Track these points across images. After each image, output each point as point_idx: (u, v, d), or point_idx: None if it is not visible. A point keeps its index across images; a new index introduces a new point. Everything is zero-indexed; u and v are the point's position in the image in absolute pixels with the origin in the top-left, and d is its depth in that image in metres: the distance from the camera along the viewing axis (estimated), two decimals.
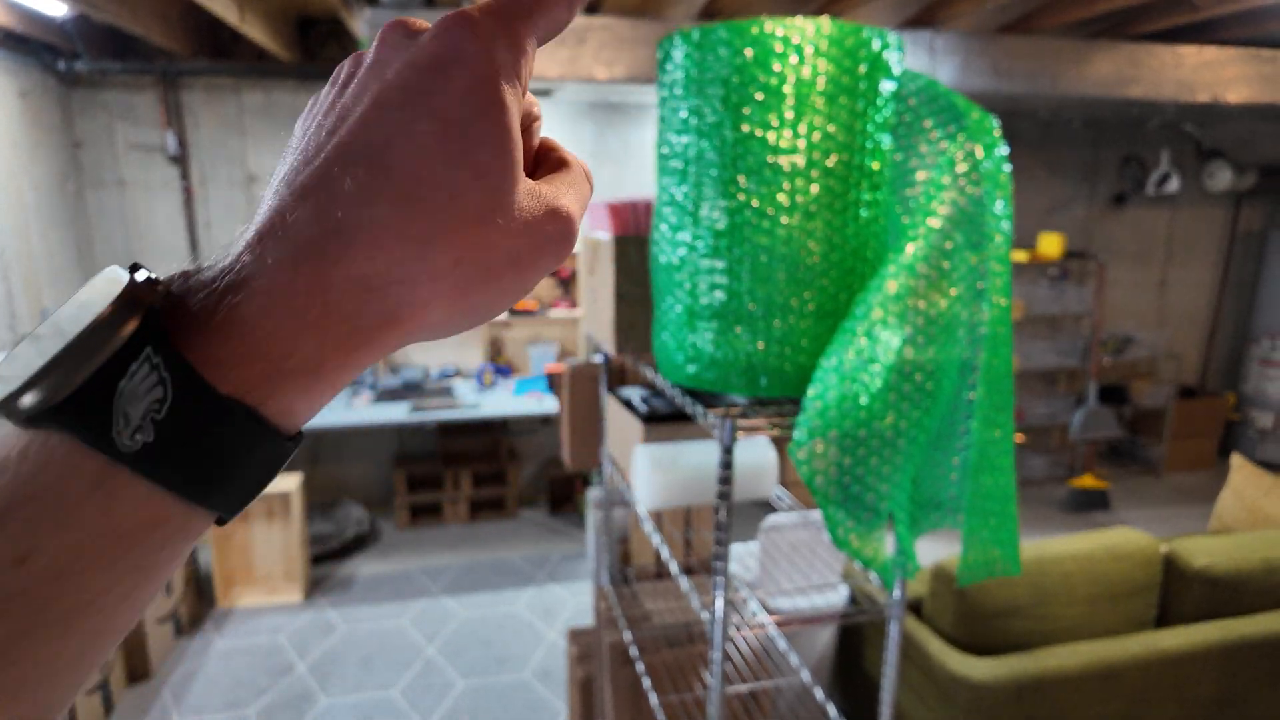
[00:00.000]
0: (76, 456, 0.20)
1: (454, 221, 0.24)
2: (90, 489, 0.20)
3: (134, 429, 0.21)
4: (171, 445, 0.21)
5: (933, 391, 1.23)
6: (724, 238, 1.26)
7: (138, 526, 0.21)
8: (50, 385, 0.20)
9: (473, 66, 0.24)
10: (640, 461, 1.70)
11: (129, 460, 0.21)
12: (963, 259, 1.24)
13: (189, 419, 0.21)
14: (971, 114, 1.23)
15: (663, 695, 1.80)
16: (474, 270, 0.25)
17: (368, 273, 0.23)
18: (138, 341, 0.21)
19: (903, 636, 1.58)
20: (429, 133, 0.24)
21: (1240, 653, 1.99)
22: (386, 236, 0.23)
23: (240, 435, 0.22)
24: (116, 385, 0.21)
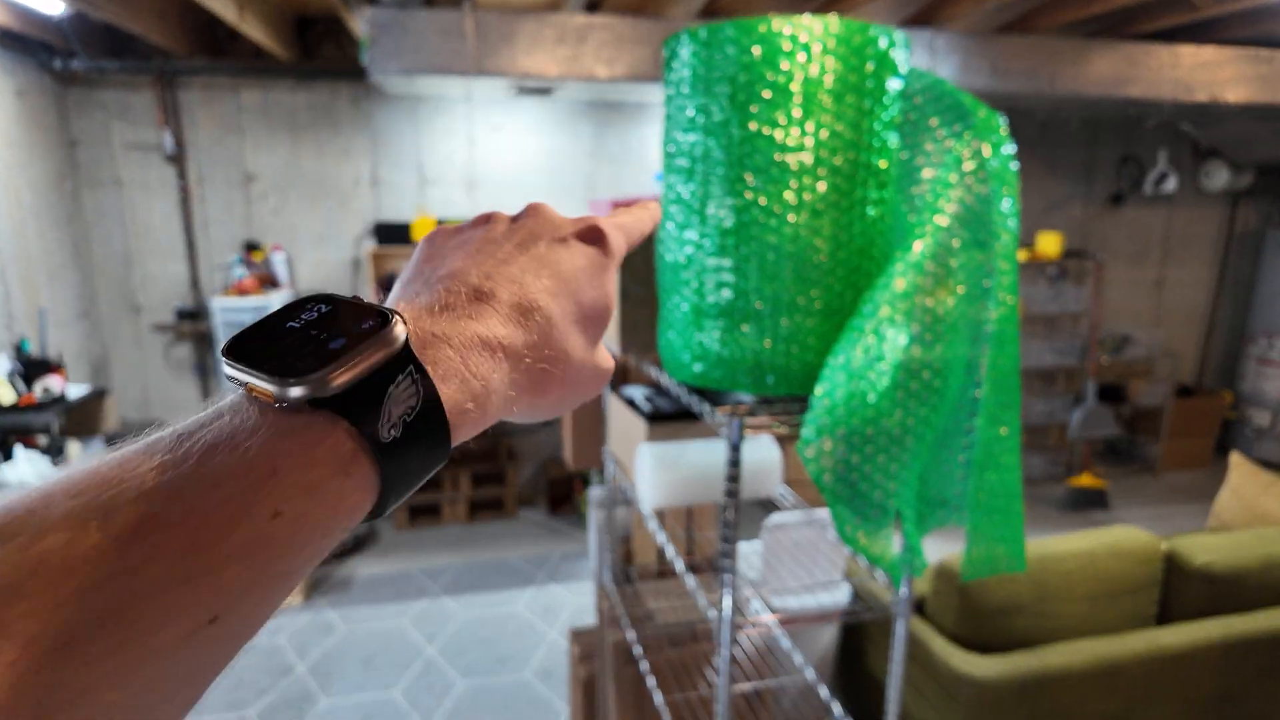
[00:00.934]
0: (337, 438, 0.24)
1: (581, 348, 0.34)
2: (339, 469, 0.24)
3: (390, 425, 0.25)
4: (408, 446, 0.26)
5: (940, 389, 1.23)
6: (731, 236, 1.26)
7: (350, 505, 0.25)
8: (346, 376, 0.25)
9: (610, 260, 0.36)
10: (644, 460, 1.70)
11: (379, 448, 0.25)
12: (970, 257, 1.24)
13: (423, 427, 0.26)
14: (978, 112, 1.24)
15: (667, 694, 1.79)
16: (573, 381, 0.34)
17: (529, 351, 0.31)
18: (405, 356, 0.26)
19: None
20: (581, 279, 0.35)
21: (1240, 649, 2.00)
22: (548, 332, 0.32)
23: (439, 448, 0.28)
24: (387, 388, 0.25)
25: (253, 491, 0.22)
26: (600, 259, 0.35)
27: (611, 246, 0.36)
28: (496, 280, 0.31)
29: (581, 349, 0.34)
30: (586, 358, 0.35)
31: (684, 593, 2.11)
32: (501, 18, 2.70)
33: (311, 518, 0.23)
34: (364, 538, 3.98)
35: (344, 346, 0.25)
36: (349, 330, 0.26)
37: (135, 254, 3.90)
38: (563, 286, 0.33)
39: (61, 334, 3.50)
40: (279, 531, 0.22)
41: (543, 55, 2.68)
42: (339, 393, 0.24)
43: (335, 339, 0.26)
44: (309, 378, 0.24)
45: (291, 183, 3.98)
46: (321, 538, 0.24)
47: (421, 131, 4.04)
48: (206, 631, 0.21)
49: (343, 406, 0.24)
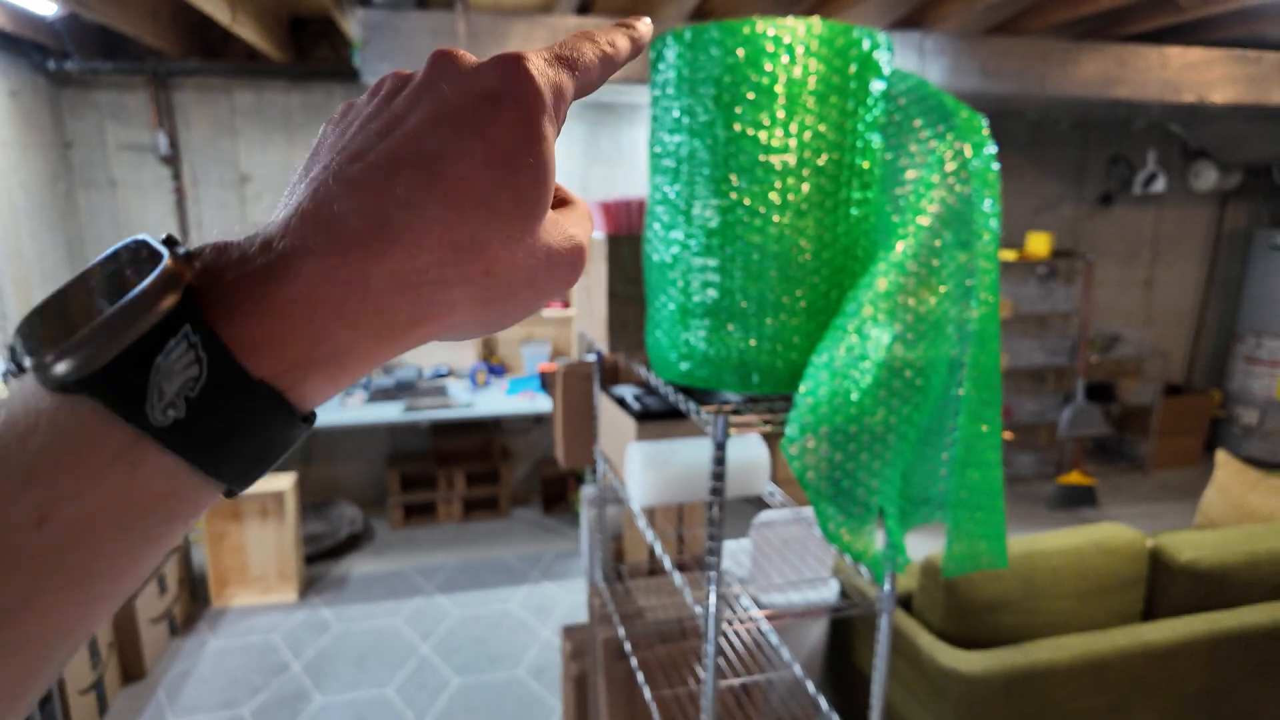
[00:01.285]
0: (105, 426, 0.21)
1: (492, 235, 0.26)
2: (114, 458, 0.21)
3: (166, 404, 0.21)
4: (199, 423, 0.22)
5: (922, 388, 1.25)
6: (716, 236, 1.28)
7: (154, 497, 0.22)
8: (86, 353, 0.21)
9: (525, 102, 0.27)
10: (633, 459, 1.72)
11: (158, 434, 0.21)
12: (952, 257, 1.26)
13: (220, 399, 0.22)
14: (960, 113, 1.25)
15: (656, 690, 1.81)
16: (499, 283, 0.27)
17: (407, 270, 0.25)
18: (176, 318, 0.22)
19: (893, 630, 1.60)
20: (480, 152, 0.26)
21: (1225, 645, 2.02)
22: (429, 238, 0.25)
23: (265, 417, 0.23)
24: (153, 360, 0.21)
25: (6, 496, 0.20)
26: (518, 112, 0.26)
27: (536, 84, 0.27)
28: (357, 180, 0.25)
29: (500, 240, 0.26)
30: (512, 250, 0.27)
31: (674, 590, 2.12)
32: (493, 19, 2.71)
33: (97, 520, 0.21)
34: (358, 536, 3.99)
35: (108, 307, 0.21)
36: (126, 288, 0.22)
37: None
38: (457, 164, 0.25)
39: None
40: (53, 542, 0.20)
41: None
42: (96, 370, 0.21)
43: (111, 295, 0.22)
44: (56, 351, 0.21)
45: (286, 183, 3.93)
46: (129, 538, 0.22)
47: None
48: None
49: (101, 386, 0.21)
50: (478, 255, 0.26)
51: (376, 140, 0.26)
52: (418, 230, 0.25)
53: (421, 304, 0.25)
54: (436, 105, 0.26)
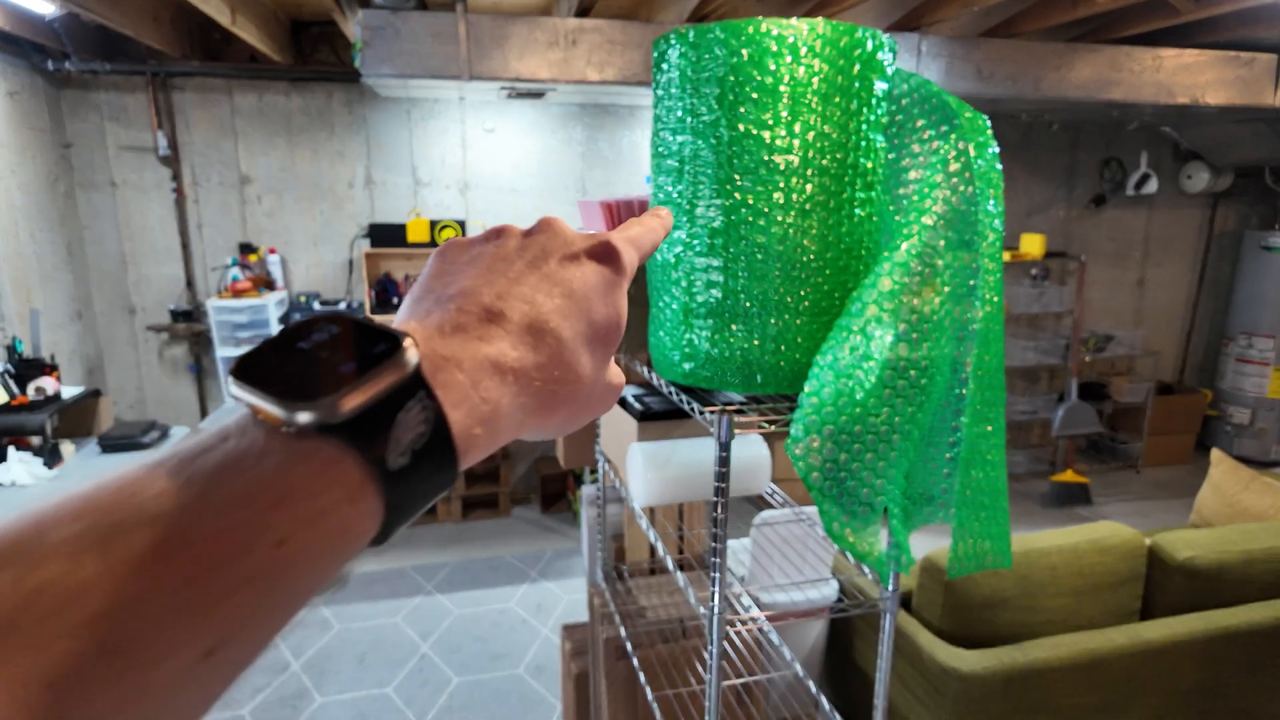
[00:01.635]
0: (345, 466, 0.24)
1: (589, 361, 0.34)
2: (346, 496, 0.24)
3: (400, 452, 0.25)
4: (416, 473, 0.25)
5: (926, 388, 1.26)
6: (720, 236, 1.29)
7: (356, 533, 0.24)
8: (347, 401, 0.24)
9: (618, 268, 0.36)
10: (635, 459, 1.73)
11: (386, 476, 0.25)
12: (955, 257, 1.27)
13: (433, 455, 0.26)
14: (964, 113, 1.27)
15: (657, 690, 1.82)
16: (583, 400, 0.34)
17: (539, 370, 0.31)
18: (416, 381, 0.26)
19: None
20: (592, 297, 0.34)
21: (1221, 643, 2.04)
22: (558, 351, 0.32)
23: (447, 474, 0.27)
24: (396, 415, 0.25)
25: (258, 520, 0.22)
26: (611, 276, 0.35)
27: (624, 262, 0.36)
28: (508, 300, 0.31)
29: (592, 368, 0.34)
30: (597, 376, 0.34)
31: (675, 589, 2.13)
32: (494, 21, 2.72)
33: (316, 546, 0.23)
34: None
35: (354, 371, 0.25)
36: (360, 353, 0.25)
37: (130, 256, 3.90)
38: (574, 306, 0.33)
39: (55, 335, 3.50)
40: (282, 560, 0.22)
41: (534, 59, 2.70)
42: (348, 419, 0.24)
43: (346, 362, 0.25)
44: (318, 402, 0.24)
45: (286, 185, 3.99)
46: (326, 565, 0.24)
47: (415, 134, 4.06)
48: (207, 662, 0.21)
49: (351, 433, 0.24)
50: (579, 374, 0.33)
51: (515, 271, 0.33)
52: (551, 343, 0.31)
53: (541, 402, 0.31)
54: (559, 254, 0.34)
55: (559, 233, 0.35)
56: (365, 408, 0.24)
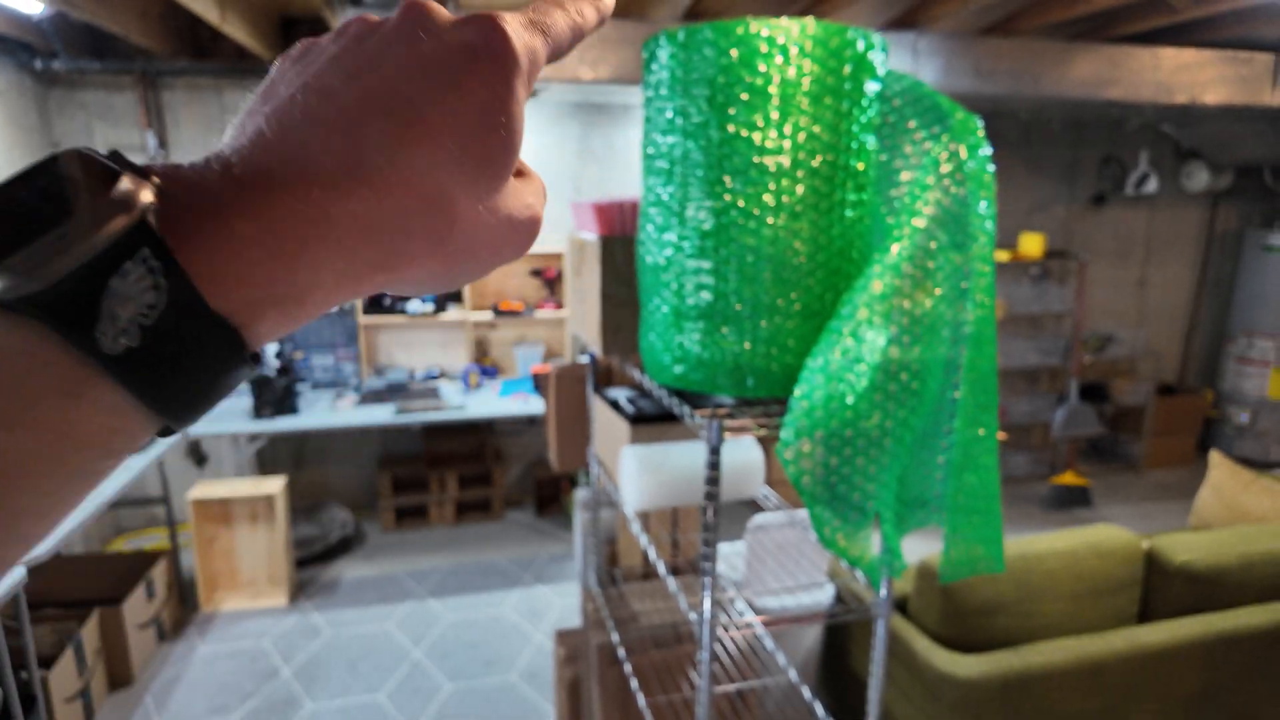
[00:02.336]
0: (47, 350, 0.19)
1: (459, 190, 0.26)
2: (54, 387, 0.20)
3: (119, 331, 0.20)
4: (151, 353, 0.20)
5: (918, 391, 1.23)
6: (710, 238, 1.27)
7: (92, 431, 0.20)
8: (32, 267, 0.19)
9: (502, 61, 0.26)
10: (627, 463, 1.70)
11: (106, 362, 0.20)
12: (947, 259, 1.25)
13: (176, 330, 0.21)
14: (955, 114, 1.24)
15: (650, 696, 1.80)
16: (461, 239, 0.26)
17: (373, 214, 0.24)
18: (133, 240, 0.20)
19: (889, 635, 1.58)
20: (455, 106, 0.25)
21: (1220, 647, 2.02)
22: (398, 184, 0.24)
23: (219, 353, 0.22)
24: (107, 282, 0.20)
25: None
26: (491, 71, 0.26)
27: (513, 47, 0.26)
28: (330, 119, 0.24)
29: (464, 198, 0.26)
30: (472, 212, 0.26)
31: (668, 595, 2.11)
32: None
33: (26, 451, 0.19)
34: (350, 540, 3.96)
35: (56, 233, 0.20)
36: (79, 196, 0.20)
37: None
38: (427, 118, 0.25)
39: None
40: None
41: None
42: (40, 289, 0.19)
43: (59, 208, 0.20)
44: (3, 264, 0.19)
45: None
46: (56, 473, 0.20)
47: None
48: None
49: (44, 304, 0.19)
50: (444, 208, 0.25)
51: (346, 81, 0.25)
52: (387, 175, 0.24)
53: (384, 250, 0.24)
54: (412, 54, 0.25)
55: (418, 17, 0.26)
56: (60, 273, 0.19)
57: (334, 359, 4.00)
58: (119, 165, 0.21)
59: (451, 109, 0.25)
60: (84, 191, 0.20)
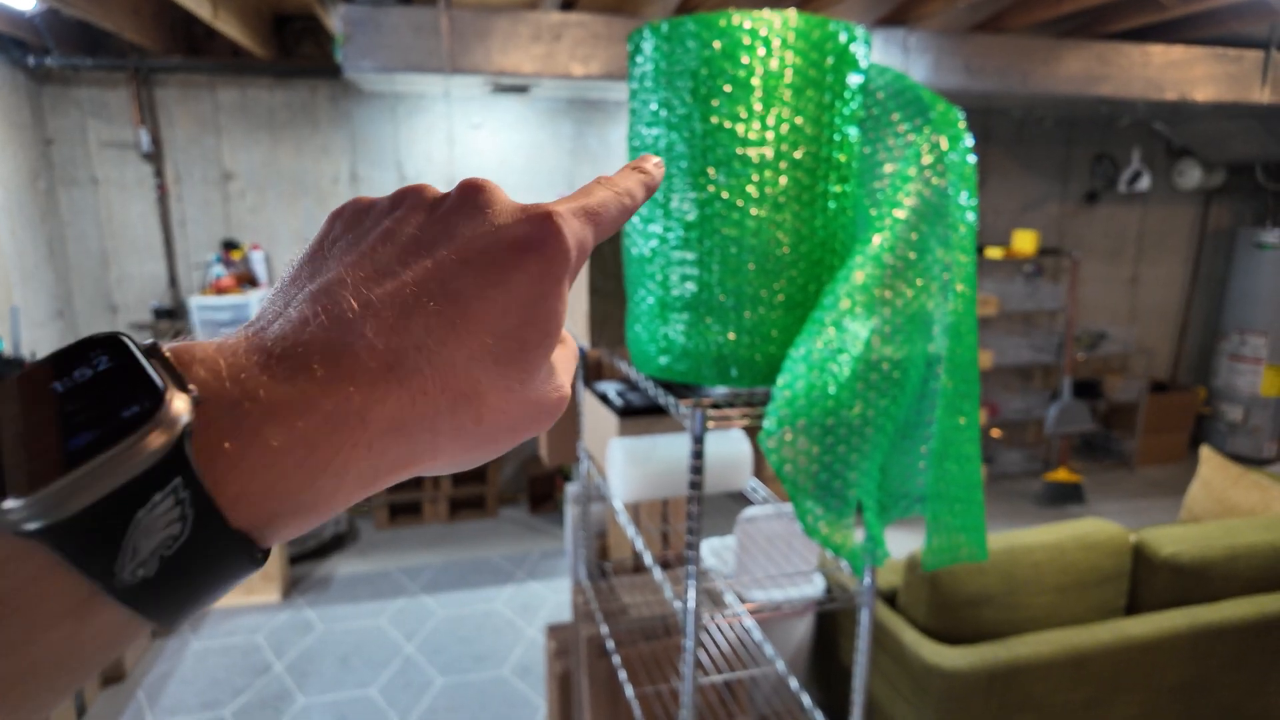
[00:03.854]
0: (60, 579, 0.19)
1: (491, 384, 0.25)
2: (65, 612, 0.19)
3: (138, 564, 0.19)
4: (167, 581, 0.20)
5: (900, 381, 1.24)
6: (694, 229, 1.27)
7: (97, 645, 0.20)
8: (54, 503, 0.18)
9: (553, 260, 0.26)
10: (615, 455, 1.71)
11: (120, 592, 0.19)
12: (928, 250, 1.26)
13: (195, 554, 0.20)
14: (937, 106, 1.25)
15: (638, 687, 1.80)
16: (486, 431, 0.26)
17: (406, 416, 0.23)
18: (167, 468, 0.19)
19: (876, 626, 1.59)
20: (500, 302, 0.25)
21: (1206, 639, 2.03)
22: (435, 385, 0.24)
23: (232, 567, 0.21)
24: (134, 515, 0.19)
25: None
26: (540, 269, 0.26)
27: (565, 245, 0.26)
28: (375, 308, 0.23)
29: (497, 393, 0.25)
30: (505, 403, 0.26)
31: (657, 587, 2.12)
32: (476, 15, 2.70)
33: (27, 670, 0.19)
34: (343, 536, 3.97)
35: (88, 447, 0.19)
36: (107, 416, 0.19)
37: (111, 253, 3.87)
38: (474, 316, 0.24)
39: (36, 334, 3.47)
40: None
41: (518, 53, 2.68)
42: (62, 521, 0.18)
43: (83, 431, 0.19)
44: (26, 500, 0.18)
45: (270, 181, 3.97)
46: (56, 679, 0.19)
47: (400, 129, 4.04)
48: None
49: (65, 540, 0.18)
50: (474, 404, 0.25)
51: (397, 265, 0.25)
52: (426, 375, 0.23)
53: (410, 449, 0.24)
54: (466, 242, 0.26)
55: (479, 205, 0.27)
56: (84, 506, 0.18)
57: None
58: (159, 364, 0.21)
59: (497, 305, 0.25)
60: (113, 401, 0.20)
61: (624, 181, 0.31)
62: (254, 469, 0.20)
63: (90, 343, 0.21)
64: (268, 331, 0.23)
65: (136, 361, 0.20)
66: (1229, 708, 2.13)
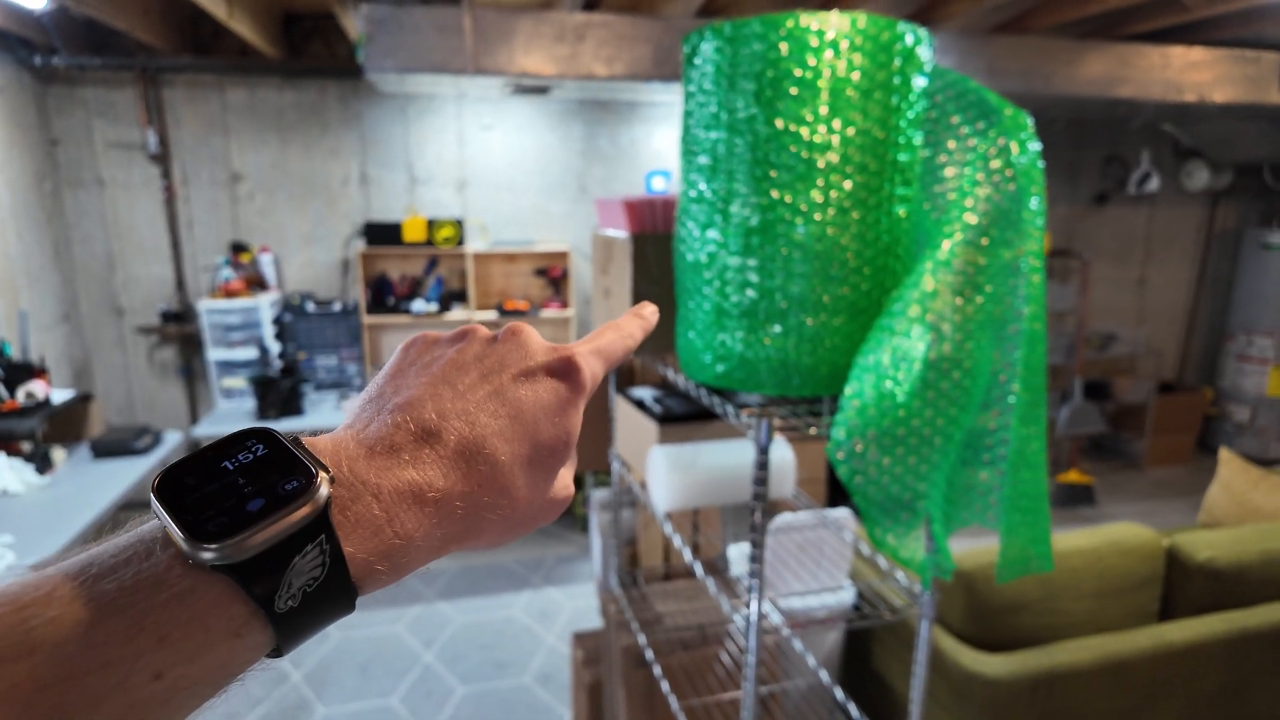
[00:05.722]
0: (234, 604, 0.24)
1: (525, 482, 0.33)
2: (229, 634, 0.24)
3: (290, 596, 0.25)
4: (305, 614, 0.26)
5: (969, 389, 1.22)
6: (756, 235, 1.25)
7: (242, 663, 0.25)
8: (243, 545, 0.25)
9: (576, 390, 0.35)
10: (657, 463, 1.68)
11: (273, 618, 0.25)
12: (997, 256, 1.23)
13: (326, 595, 0.26)
14: (1005, 110, 1.23)
15: (682, 699, 1.78)
16: (516, 519, 0.33)
17: (468, 502, 0.30)
18: (316, 527, 0.26)
19: (909, 632, 1.57)
20: (539, 421, 0.33)
21: (1244, 644, 2.02)
22: (490, 481, 0.31)
23: (341, 606, 0.28)
24: (292, 559, 0.25)
25: (137, 658, 0.23)
26: (567, 395, 0.35)
27: (584, 379, 0.35)
28: (449, 419, 0.31)
29: (529, 488, 0.33)
30: (534, 496, 0.33)
31: (692, 595, 2.09)
32: (499, 15, 2.66)
33: (196, 677, 0.24)
34: None
35: (261, 510, 0.25)
36: (272, 488, 0.26)
37: (118, 255, 3.81)
38: (519, 428, 0.33)
39: (42, 337, 3.41)
40: (160, 693, 0.23)
41: (541, 54, 2.64)
42: (243, 560, 0.25)
43: (255, 498, 0.26)
44: (219, 545, 0.24)
45: (279, 182, 3.92)
46: (206, 691, 0.25)
47: (411, 130, 3.99)
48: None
49: (243, 574, 0.25)
50: (513, 498, 0.32)
51: (467, 382, 0.33)
52: (484, 472, 0.31)
53: (464, 528, 0.31)
54: (516, 373, 0.34)
55: (522, 344, 0.35)
56: (260, 550, 0.25)
57: (338, 360, 3.96)
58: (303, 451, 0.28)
59: (537, 421, 0.33)
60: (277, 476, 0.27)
61: (627, 326, 0.41)
62: (364, 534, 0.27)
63: (246, 434, 0.28)
64: (365, 433, 0.30)
65: (288, 449, 0.28)
66: (1266, 713, 2.12)
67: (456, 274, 4.20)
